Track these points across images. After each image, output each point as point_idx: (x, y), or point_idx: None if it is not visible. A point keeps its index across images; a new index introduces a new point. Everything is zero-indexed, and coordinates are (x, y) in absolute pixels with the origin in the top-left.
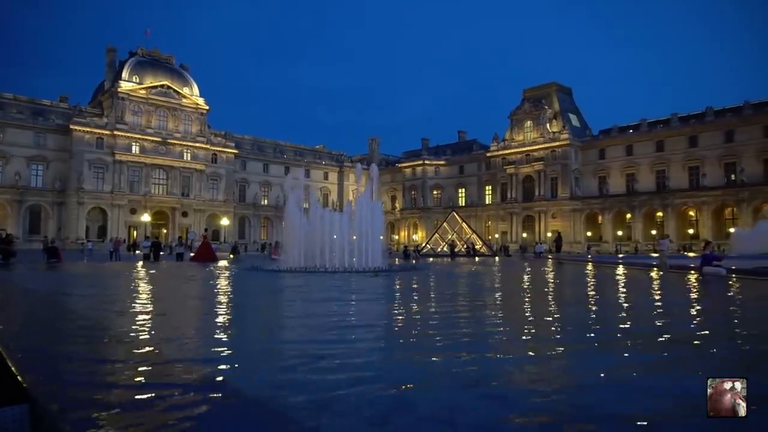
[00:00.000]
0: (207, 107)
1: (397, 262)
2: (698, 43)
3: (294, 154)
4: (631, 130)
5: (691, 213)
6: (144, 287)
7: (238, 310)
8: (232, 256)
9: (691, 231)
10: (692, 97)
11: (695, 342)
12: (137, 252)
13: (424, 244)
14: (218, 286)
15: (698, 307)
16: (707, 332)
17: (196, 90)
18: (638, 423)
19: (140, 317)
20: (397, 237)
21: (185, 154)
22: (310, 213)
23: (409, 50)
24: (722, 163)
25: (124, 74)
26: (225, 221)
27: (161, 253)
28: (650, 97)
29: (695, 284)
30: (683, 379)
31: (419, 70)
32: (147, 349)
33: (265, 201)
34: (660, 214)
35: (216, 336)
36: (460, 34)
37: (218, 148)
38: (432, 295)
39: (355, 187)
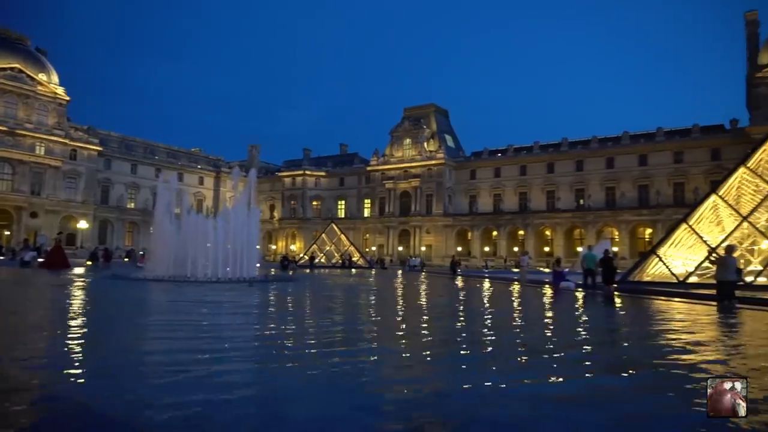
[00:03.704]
0: (67, 98)
1: (273, 273)
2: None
3: (167, 155)
4: (499, 154)
5: (548, 232)
6: None
7: (93, 324)
8: (89, 263)
9: (547, 249)
10: (551, 126)
11: (547, 347)
12: None
13: (302, 255)
14: (69, 297)
15: (549, 316)
16: (556, 339)
17: (55, 78)
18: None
19: None
20: (274, 247)
21: (38, 147)
22: (182, 219)
23: (294, 60)
24: (573, 189)
25: None
26: (83, 224)
27: (1, 257)
28: (516, 125)
29: (548, 296)
30: (540, 382)
31: (304, 81)
32: None
33: (132, 204)
34: (522, 232)
35: (64, 351)
36: (346, 47)
37: (79, 144)
38: (307, 306)
39: (232, 194)
